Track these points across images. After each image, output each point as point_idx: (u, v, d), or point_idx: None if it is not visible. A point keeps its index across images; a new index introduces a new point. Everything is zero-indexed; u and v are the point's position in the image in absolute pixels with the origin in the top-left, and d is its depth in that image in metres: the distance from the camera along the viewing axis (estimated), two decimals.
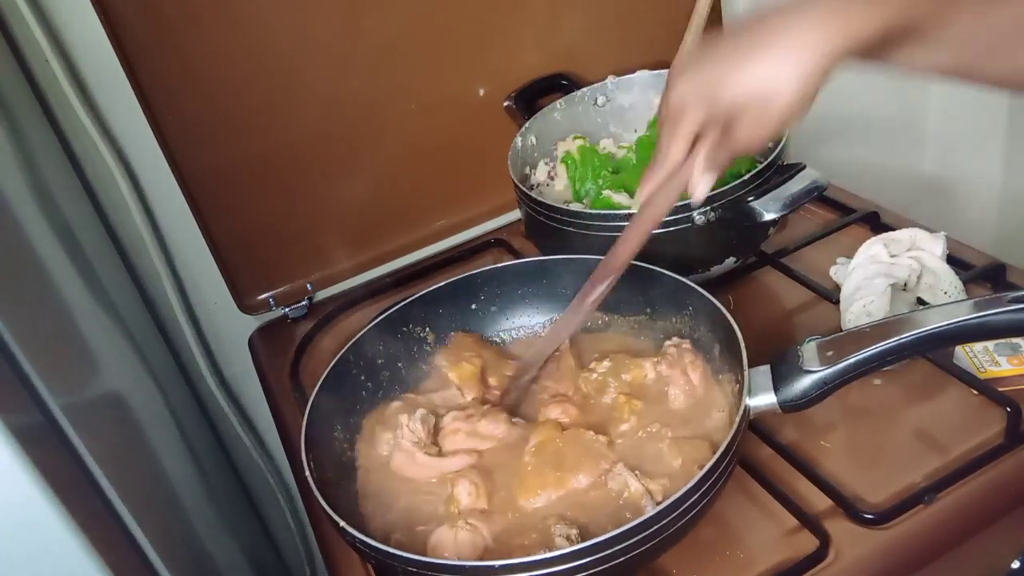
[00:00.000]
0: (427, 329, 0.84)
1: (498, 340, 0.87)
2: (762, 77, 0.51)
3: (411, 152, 1.06)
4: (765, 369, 0.63)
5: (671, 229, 0.82)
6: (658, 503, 0.63)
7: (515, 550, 0.61)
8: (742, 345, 0.65)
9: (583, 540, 0.57)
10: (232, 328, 1.10)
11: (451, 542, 0.62)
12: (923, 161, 1.43)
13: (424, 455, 0.70)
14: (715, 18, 1.14)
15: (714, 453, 0.66)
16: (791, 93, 0.51)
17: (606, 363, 0.77)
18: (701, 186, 0.61)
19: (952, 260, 0.82)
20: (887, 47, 0.54)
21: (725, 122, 0.55)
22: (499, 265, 0.86)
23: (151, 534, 0.67)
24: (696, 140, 0.59)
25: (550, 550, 0.55)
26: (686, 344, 0.76)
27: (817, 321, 0.86)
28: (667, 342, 0.77)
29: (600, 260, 0.71)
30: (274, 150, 0.99)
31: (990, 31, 0.54)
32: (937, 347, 0.68)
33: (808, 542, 0.63)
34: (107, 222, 1.00)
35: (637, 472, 0.65)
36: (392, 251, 1.11)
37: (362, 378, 0.79)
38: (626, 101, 1.11)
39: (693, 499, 0.57)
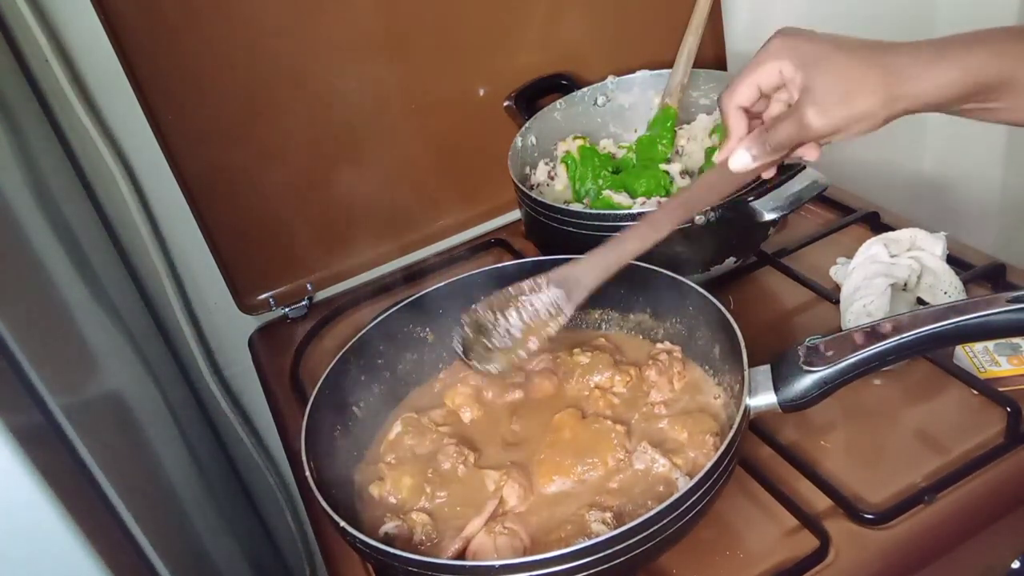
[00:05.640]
0: (427, 329, 0.84)
1: None
2: (852, 80, 0.57)
3: (411, 152, 1.06)
4: (765, 369, 0.63)
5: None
6: (688, 475, 0.64)
7: (553, 545, 0.62)
8: (742, 345, 0.65)
9: (618, 523, 0.59)
10: (232, 328, 1.10)
11: (490, 548, 0.63)
12: (923, 161, 1.43)
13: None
14: (715, 18, 1.14)
15: (716, 422, 0.68)
16: (866, 107, 0.57)
17: (584, 360, 0.78)
18: (738, 156, 0.63)
19: (952, 260, 0.82)
20: (981, 98, 0.57)
21: (800, 93, 0.58)
22: (499, 265, 0.86)
23: (151, 534, 0.67)
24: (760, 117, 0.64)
25: (588, 538, 0.56)
26: (677, 352, 0.77)
27: (817, 321, 0.86)
28: (659, 345, 0.78)
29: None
30: (274, 150, 0.99)
31: None
32: (937, 347, 0.68)
33: (808, 542, 0.63)
34: (107, 222, 1.00)
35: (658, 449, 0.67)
36: (392, 251, 1.11)
37: (362, 378, 0.79)
38: (626, 101, 1.11)
39: (694, 498, 0.57)
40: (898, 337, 0.58)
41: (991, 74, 0.56)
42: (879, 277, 0.78)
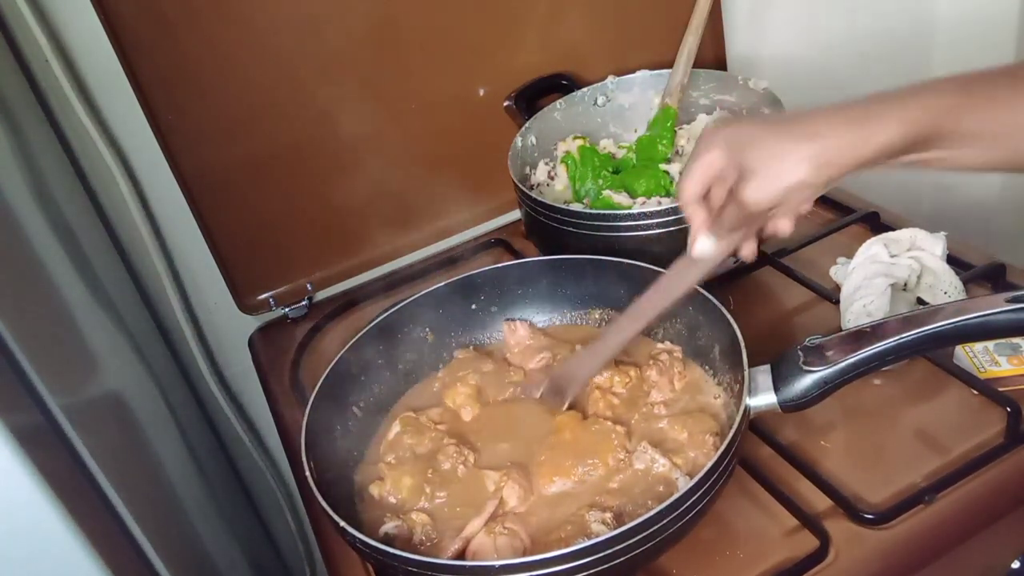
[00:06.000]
0: (427, 329, 0.84)
1: (499, 340, 0.87)
2: (781, 154, 0.59)
3: (411, 152, 1.06)
4: (765, 369, 0.63)
5: (671, 229, 0.82)
6: (688, 475, 0.65)
7: (553, 545, 0.62)
8: (742, 345, 0.66)
9: (618, 523, 0.59)
10: (232, 328, 1.10)
11: (490, 548, 0.63)
12: None
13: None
14: (715, 18, 1.14)
15: (716, 422, 0.68)
16: (797, 178, 0.58)
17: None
18: (700, 244, 0.65)
19: (952, 260, 0.82)
20: (917, 150, 0.58)
21: (738, 175, 0.60)
22: (499, 265, 0.86)
23: (151, 534, 0.67)
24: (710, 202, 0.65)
25: (588, 538, 0.56)
26: (677, 352, 0.77)
27: (817, 321, 0.86)
28: (659, 345, 0.78)
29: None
30: (274, 150, 0.99)
31: (1020, 118, 0.56)
32: (937, 347, 0.68)
33: (808, 542, 0.63)
34: (107, 222, 1.00)
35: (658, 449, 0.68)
36: (392, 251, 1.11)
37: (362, 379, 0.79)
38: (626, 101, 1.11)
39: (694, 498, 0.57)
40: (898, 337, 0.58)
41: (921, 128, 0.57)
42: (879, 277, 0.78)
